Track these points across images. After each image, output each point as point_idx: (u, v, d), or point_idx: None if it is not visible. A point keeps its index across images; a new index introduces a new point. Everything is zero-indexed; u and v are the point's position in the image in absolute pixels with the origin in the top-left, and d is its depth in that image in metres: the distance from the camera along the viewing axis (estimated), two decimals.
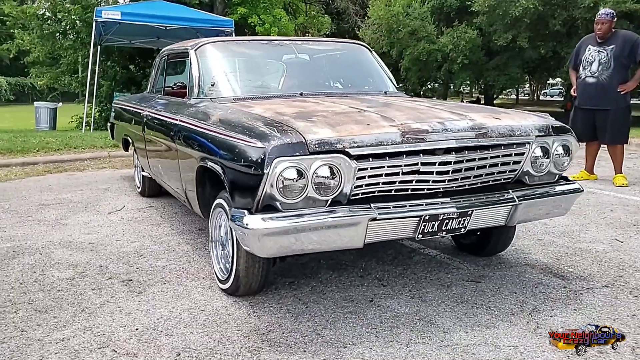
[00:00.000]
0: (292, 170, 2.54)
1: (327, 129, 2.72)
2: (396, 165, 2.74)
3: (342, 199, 2.70)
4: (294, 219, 2.59)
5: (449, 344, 2.65)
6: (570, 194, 3.28)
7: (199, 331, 2.80)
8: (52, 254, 4.03)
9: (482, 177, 3.04)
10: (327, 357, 2.53)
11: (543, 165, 3.16)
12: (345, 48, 4.89)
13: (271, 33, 14.32)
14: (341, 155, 2.60)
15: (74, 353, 2.59)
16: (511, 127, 3.05)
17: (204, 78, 4.04)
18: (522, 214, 3.13)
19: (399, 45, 24.33)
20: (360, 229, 2.70)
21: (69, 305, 3.13)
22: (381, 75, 4.61)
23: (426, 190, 2.90)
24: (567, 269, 3.67)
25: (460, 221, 2.94)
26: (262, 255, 2.72)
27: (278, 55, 4.53)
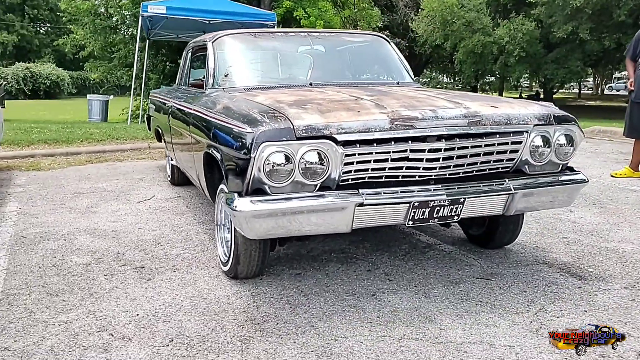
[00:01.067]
0: (279, 154, 2.58)
1: (316, 115, 2.74)
2: (384, 152, 2.73)
3: (330, 184, 2.71)
4: (280, 202, 2.64)
5: (443, 341, 2.59)
6: (573, 184, 3.17)
7: (196, 319, 2.84)
8: (75, 240, 4.16)
9: (477, 165, 2.98)
10: (315, 349, 2.51)
11: (543, 155, 3.07)
12: (363, 39, 4.85)
13: (316, 26, 14.33)
14: (328, 141, 2.63)
15: (73, 335, 2.66)
16: (508, 115, 2.98)
17: (219, 69, 4.12)
18: (521, 203, 3.05)
19: (454, 38, 23.90)
20: (347, 214, 2.71)
21: (80, 289, 3.23)
22: (397, 66, 4.56)
23: (417, 177, 2.87)
24: (587, 268, 3.52)
25: (452, 209, 2.89)
26: (252, 236, 2.76)
27: (294, 46, 4.56)
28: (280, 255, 3.78)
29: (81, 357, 2.47)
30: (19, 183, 6.41)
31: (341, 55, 4.64)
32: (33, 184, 6.32)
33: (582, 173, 3.26)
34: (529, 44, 21.81)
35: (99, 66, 16.67)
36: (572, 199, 3.26)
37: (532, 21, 21.51)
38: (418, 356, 2.45)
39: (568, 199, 3.25)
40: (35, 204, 5.33)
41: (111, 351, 2.51)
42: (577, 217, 4.83)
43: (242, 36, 4.52)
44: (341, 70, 4.42)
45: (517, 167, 3.10)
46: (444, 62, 35.78)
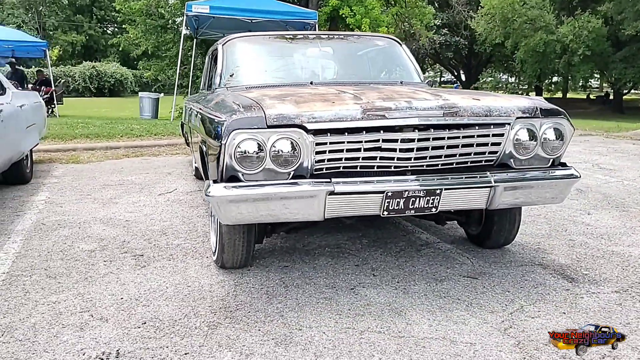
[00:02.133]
0: (251, 142, 2.65)
1: (290, 105, 2.81)
2: (357, 141, 2.75)
3: (304, 172, 2.76)
4: (251, 188, 2.70)
5: (405, 335, 2.60)
6: (561, 179, 3.08)
7: (174, 304, 2.94)
8: (88, 229, 4.37)
9: (457, 157, 2.95)
10: (276, 337, 2.57)
11: (529, 149, 3.01)
12: (373, 42, 4.86)
13: (362, 24, 14.34)
14: (298, 130, 2.68)
15: (56, 314, 2.82)
16: (488, 107, 2.94)
17: (226, 70, 4.23)
18: (504, 198, 2.99)
19: (515, 36, 23.32)
20: (319, 202, 2.74)
21: (77, 273, 3.40)
22: (404, 67, 4.55)
23: (393, 168, 2.87)
24: (583, 271, 3.43)
25: (428, 200, 2.87)
26: (226, 222, 2.83)
27: (302, 48, 4.63)
28: (275, 249, 3.85)
29: (57, 335, 2.61)
30: (55, 174, 6.75)
31: (348, 57, 4.67)
32: (68, 176, 6.64)
33: (574, 169, 3.16)
34: (595, 42, 21.03)
35: (152, 65, 17.24)
36: (562, 195, 3.17)
37: (599, 18, 20.71)
38: (375, 348, 2.47)
39: (558, 195, 3.17)
40: (63, 194, 5.61)
41: (86, 330, 2.65)
42: (593, 219, 4.68)
43: (251, 39, 4.64)
44: (345, 71, 4.45)
45: (502, 161, 3.04)
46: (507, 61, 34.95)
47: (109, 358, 2.40)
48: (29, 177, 6.29)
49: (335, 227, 4.30)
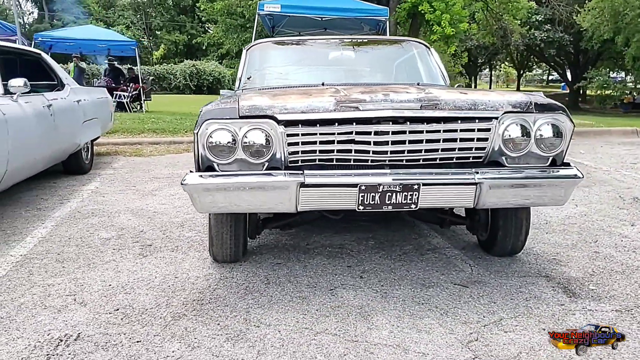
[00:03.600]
0: (223, 132, 2.69)
1: (265, 98, 2.83)
2: (329, 133, 2.71)
3: (278, 164, 2.76)
4: (224, 177, 2.73)
5: (359, 340, 2.54)
6: (559, 179, 2.85)
7: (154, 294, 3.04)
8: (116, 218, 4.60)
9: (439, 152, 2.81)
10: (230, 333, 2.60)
11: (520, 146, 2.81)
12: (397, 45, 4.75)
13: (442, 20, 14.00)
14: (269, 120, 2.68)
15: (45, 296, 3.00)
16: (474, 100, 2.80)
17: (245, 73, 4.31)
18: (491, 197, 2.81)
19: (626, 31, 21.78)
20: (290, 194, 2.72)
21: (84, 259, 3.59)
22: (427, 70, 4.41)
23: (370, 162, 2.79)
24: (590, 287, 3.19)
25: (406, 196, 2.75)
26: (200, 210, 2.87)
27: (323, 52, 4.61)
28: (277, 245, 3.87)
29: (35, 315, 2.78)
30: (115, 166, 7.15)
31: (369, 61, 4.60)
32: (125, 168, 7.01)
33: (577, 169, 2.92)
34: None
35: (234, 63, 17.77)
36: (561, 196, 2.93)
37: None
38: (321, 351, 2.44)
39: (556, 197, 2.92)
40: (111, 185, 5.93)
41: (62, 312, 2.80)
42: (634, 232, 4.33)
43: (272, 45, 4.74)
44: (363, 74, 4.38)
45: (492, 158, 2.87)
46: (619, 59, 32.70)
47: (68, 340, 2.52)
48: (88, 168, 6.70)
49: (346, 227, 4.26)
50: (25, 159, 4.56)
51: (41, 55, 5.96)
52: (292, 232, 4.15)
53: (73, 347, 2.45)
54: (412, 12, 15.18)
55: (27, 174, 4.89)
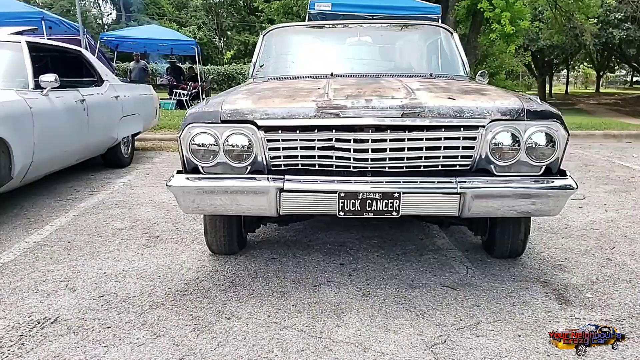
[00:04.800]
0: (205, 135, 2.73)
1: (248, 102, 2.85)
2: (309, 139, 2.70)
3: (260, 168, 2.78)
4: (203, 181, 2.77)
5: (323, 337, 2.52)
6: (549, 190, 2.71)
7: (142, 283, 3.13)
8: (134, 210, 4.75)
9: (422, 160, 2.74)
10: (199, 324, 2.64)
11: (509, 154, 2.70)
12: (417, 30, 4.62)
13: (502, 19, 13.56)
14: (250, 125, 2.71)
15: (41, 281, 3.14)
16: (460, 108, 2.69)
17: (259, 60, 4.33)
18: (476, 206, 2.71)
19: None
20: (270, 198, 2.73)
21: (90, 248, 3.73)
22: (445, 57, 4.30)
23: (352, 169, 2.75)
24: (587, 294, 3.02)
25: (387, 203, 2.70)
26: (185, 211, 2.92)
27: (340, 38, 4.56)
28: (279, 240, 3.89)
29: (25, 298, 2.91)
30: (155, 161, 7.38)
31: (385, 47, 4.52)
32: (164, 163, 7.23)
33: (572, 179, 2.78)
34: None
35: None
36: (552, 207, 2.78)
37: None
38: (280, 345, 2.43)
39: (547, 207, 2.78)
40: (143, 179, 6.13)
41: (51, 297, 2.92)
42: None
43: (291, 30, 4.69)
44: (373, 62, 4.33)
45: (480, 167, 2.78)
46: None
47: (45, 323, 2.63)
48: (128, 162, 6.94)
49: (356, 226, 4.21)
50: (54, 151, 4.78)
51: (81, 52, 6.23)
52: (298, 228, 4.16)
53: (46, 330, 2.55)
54: (472, 10, 14.78)
55: (58, 165, 5.12)
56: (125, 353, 2.36)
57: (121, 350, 2.38)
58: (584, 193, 5.52)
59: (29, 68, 4.68)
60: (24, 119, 4.23)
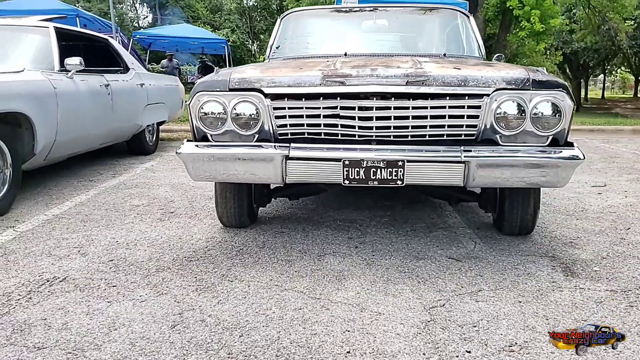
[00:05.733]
0: (213, 103, 2.81)
1: (256, 71, 2.90)
2: (314, 107, 2.74)
3: (268, 136, 2.83)
4: (212, 148, 2.84)
5: (322, 298, 2.53)
6: (558, 159, 2.67)
7: (151, 250, 3.20)
8: (154, 190, 4.85)
9: (427, 129, 2.74)
10: (201, 285, 2.69)
11: (513, 124, 2.68)
12: (433, 13, 4.61)
13: (531, 16, 13.41)
14: (256, 93, 2.76)
15: (55, 247, 3.24)
16: (465, 77, 2.70)
17: (277, 42, 4.39)
18: (482, 176, 2.70)
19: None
20: (275, 166, 2.77)
21: (106, 221, 3.83)
22: (456, 40, 4.29)
23: (357, 137, 2.78)
24: (595, 268, 2.98)
25: (391, 172, 2.71)
26: (193, 178, 2.99)
27: (356, 21, 4.59)
28: (290, 217, 3.92)
29: (37, 260, 3.01)
30: None
31: (401, 29, 4.52)
32: None
33: (579, 149, 2.75)
34: None
35: None
36: (559, 178, 2.75)
37: None
38: (278, 304, 2.46)
39: (554, 178, 2.74)
40: (166, 164, 6.25)
41: (62, 260, 3.01)
42: None
43: (308, 13, 4.74)
44: (387, 43, 4.33)
45: (486, 136, 2.77)
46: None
47: (54, 281, 2.71)
48: (152, 150, 7.08)
49: (368, 205, 4.22)
50: (77, 132, 4.91)
51: (108, 40, 6.38)
52: (310, 207, 4.19)
53: (54, 287, 2.63)
54: (501, 9, 14.65)
55: (82, 147, 5.26)
56: (127, 307, 2.41)
57: (123, 305, 2.44)
58: (605, 181, 5.42)
59: (55, 51, 4.82)
60: (48, 98, 4.36)
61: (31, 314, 2.33)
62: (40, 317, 2.30)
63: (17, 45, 4.81)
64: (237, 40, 43.20)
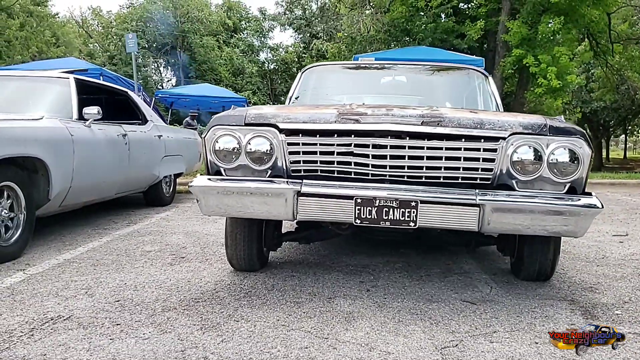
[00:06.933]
0: (228, 137, 2.83)
1: (272, 109, 2.93)
2: (328, 144, 2.74)
3: (280, 172, 2.83)
4: (224, 182, 2.84)
5: (329, 337, 2.46)
6: (575, 207, 2.59)
7: (159, 292, 3.15)
8: (167, 237, 4.83)
9: (442, 170, 2.70)
10: (206, 324, 2.63)
11: (531, 169, 2.64)
12: (453, 72, 4.68)
13: (547, 73, 13.50)
14: (271, 129, 2.79)
15: (62, 288, 3.20)
16: (481, 119, 2.68)
17: (296, 93, 4.46)
18: (497, 222, 2.64)
19: None
20: (287, 201, 2.75)
21: (116, 265, 3.80)
22: (477, 98, 4.30)
23: (370, 176, 2.75)
24: (616, 312, 2.86)
25: (404, 212, 2.67)
26: (205, 212, 2.96)
27: (375, 77, 4.65)
28: (302, 262, 3.86)
29: (44, 300, 2.97)
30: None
31: (418, 86, 4.56)
32: None
33: (597, 198, 2.67)
34: None
35: None
36: (577, 227, 2.65)
37: None
38: (284, 342, 2.39)
39: (571, 227, 2.65)
40: (181, 215, 6.26)
41: (69, 300, 2.97)
42: None
43: (328, 67, 4.89)
44: (409, 99, 4.33)
45: (501, 181, 2.71)
46: None
47: (58, 319, 2.67)
48: (169, 201, 7.11)
49: (382, 252, 4.15)
50: (93, 180, 4.95)
51: (127, 93, 6.54)
52: (322, 253, 4.12)
53: (58, 325, 2.58)
54: (519, 67, 14.79)
55: (97, 195, 5.29)
56: (129, 345, 2.35)
57: (125, 342, 2.38)
58: (627, 231, 5.29)
59: (74, 101, 4.93)
60: (64, 144, 4.43)
61: (31, 350, 2.28)
62: (40, 353, 2.25)
63: (38, 95, 4.94)
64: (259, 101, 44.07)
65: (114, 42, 34.25)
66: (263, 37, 46.13)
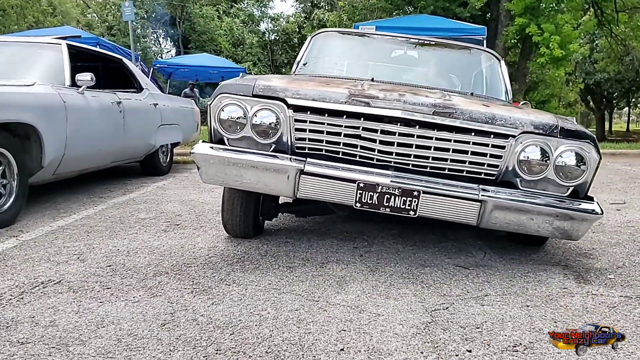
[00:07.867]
0: (234, 106, 2.78)
1: (283, 82, 2.87)
2: (336, 124, 2.69)
3: (285, 148, 2.77)
4: (227, 152, 2.79)
5: (320, 300, 2.46)
6: (576, 212, 2.58)
7: (151, 257, 3.13)
8: (162, 205, 4.81)
9: (448, 162, 2.67)
10: (197, 288, 2.62)
11: (536, 169, 2.61)
12: (465, 52, 4.58)
13: (550, 42, 13.35)
14: (279, 102, 2.72)
15: (55, 254, 3.19)
16: (493, 114, 2.64)
17: (304, 59, 4.37)
18: (496, 218, 2.62)
19: None
20: (290, 179, 2.72)
21: (110, 231, 3.78)
22: (488, 81, 4.22)
23: (375, 161, 2.71)
24: (609, 276, 2.86)
25: (405, 200, 2.64)
26: (204, 180, 2.93)
27: (387, 49, 4.55)
28: (297, 229, 3.85)
29: (36, 265, 2.96)
30: (193, 171, 7.47)
31: (431, 63, 4.46)
32: None
33: (597, 204, 2.64)
34: None
35: None
36: (574, 231, 2.65)
37: None
38: (274, 305, 2.38)
39: (570, 230, 2.65)
40: (178, 184, 6.24)
41: (61, 265, 2.96)
42: None
43: (339, 35, 4.78)
44: (420, 76, 4.24)
45: (505, 178, 2.68)
46: None
47: (48, 283, 2.66)
48: (165, 171, 7.08)
49: (378, 220, 4.13)
50: (87, 148, 4.91)
51: (122, 60, 6.46)
52: (317, 220, 4.11)
53: (48, 289, 2.57)
54: (521, 36, 14.63)
55: (92, 164, 5.26)
56: (118, 307, 2.35)
57: (115, 305, 2.37)
58: (625, 199, 5.26)
59: (67, 67, 4.87)
60: (57, 111, 4.38)
61: (20, 312, 2.27)
62: (28, 315, 2.24)
63: (30, 61, 4.87)
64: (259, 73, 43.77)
65: (112, 12, 33.79)
66: (263, 6, 45.55)
